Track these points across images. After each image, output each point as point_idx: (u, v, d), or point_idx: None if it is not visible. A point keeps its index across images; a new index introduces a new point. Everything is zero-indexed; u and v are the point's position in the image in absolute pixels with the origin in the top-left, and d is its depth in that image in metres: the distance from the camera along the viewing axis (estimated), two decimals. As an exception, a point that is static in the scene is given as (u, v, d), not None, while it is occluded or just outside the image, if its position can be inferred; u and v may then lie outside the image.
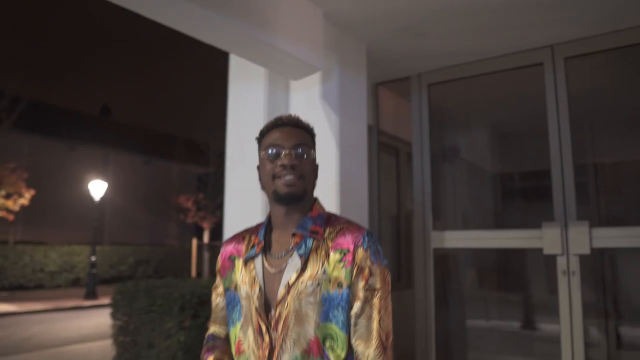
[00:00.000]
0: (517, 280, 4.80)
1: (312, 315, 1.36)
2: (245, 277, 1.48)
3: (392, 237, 4.55)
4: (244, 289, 1.47)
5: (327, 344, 1.37)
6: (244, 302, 1.46)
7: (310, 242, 1.43)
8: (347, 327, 1.38)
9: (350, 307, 1.39)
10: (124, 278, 20.37)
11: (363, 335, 1.37)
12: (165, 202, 27.96)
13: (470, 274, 4.70)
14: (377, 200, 4.19)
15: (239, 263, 1.52)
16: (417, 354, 3.72)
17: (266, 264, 1.46)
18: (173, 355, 3.36)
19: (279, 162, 1.44)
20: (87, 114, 29.56)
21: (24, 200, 15.44)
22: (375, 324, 1.37)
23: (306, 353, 1.36)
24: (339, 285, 1.37)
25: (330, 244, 1.42)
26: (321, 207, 1.54)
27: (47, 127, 23.73)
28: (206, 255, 19.99)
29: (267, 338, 1.39)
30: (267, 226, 1.54)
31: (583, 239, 3.19)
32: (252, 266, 1.47)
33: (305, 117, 1.61)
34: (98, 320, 12.53)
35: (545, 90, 3.52)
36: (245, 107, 3.28)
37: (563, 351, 3.22)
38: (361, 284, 1.38)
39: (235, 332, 1.48)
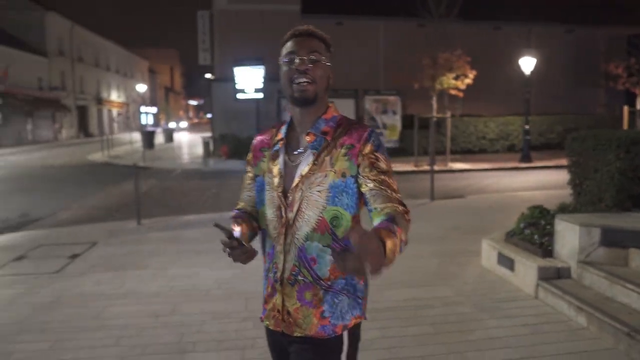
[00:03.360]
0: None
1: (320, 201, 1.65)
2: (271, 167, 1.75)
3: None
4: (269, 177, 1.75)
5: (334, 222, 1.65)
6: (268, 188, 1.75)
7: (321, 140, 1.68)
8: (351, 209, 1.67)
9: (355, 192, 1.66)
10: (552, 145, 22.07)
11: (384, 198, 1.61)
12: (590, 70, 27.52)
13: None
14: None
15: (268, 154, 1.79)
16: None
17: (286, 158, 1.73)
18: (612, 175, 5.11)
19: (294, 67, 1.65)
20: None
21: (469, 80, 18.64)
22: (391, 192, 1.63)
23: (314, 230, 1.65)
24: (343, 175, 1.64)
25: (337, 142, 1.67)
26: (336, 111, 1.77)
27: (474, 12, 26.27)
28: (638, 122, 19.56)
29: (284, 217, 1.69)
30: (289, 125, 1.79)
31: None
32: (276, 159, 1.74)
33: None
34: (534, 177, 14.91)
35: None
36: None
37: None
38: (369, 170, 1.63)
39: (263, 210, 1.77)
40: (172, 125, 43.08)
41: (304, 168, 1.67)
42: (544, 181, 13.70)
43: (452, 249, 6.50)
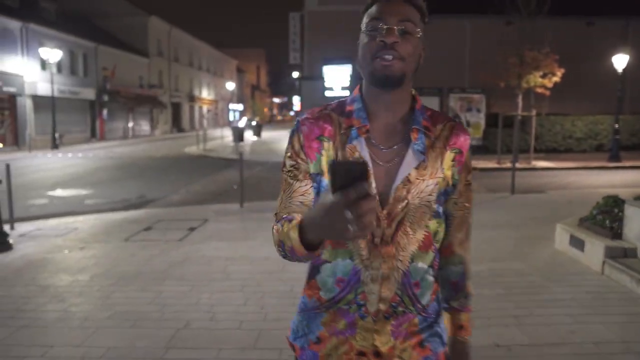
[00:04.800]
0: None
1: (428, 213, 1.33)
2: None
3: None
4: None
5: (437, 237, 1.38)
6: None
7: (424, 138, 1.34)
8: (444, 218, 1.42)
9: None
10: (644, 145, 21.33)
11: (460, 224, 1.45)
12: (693, 67, 26.09)
13: None
14: None
15: (330, 146, 1.34)
16: None
17: (372, 154, 1.32)
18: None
19: (379, 39, 1.27)
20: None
21: (556, 78, 18.48)
22: (468, 214, 1.45)
23: (421, 249, 1.34)
24: (447, 183, 1.37)
25: (444, 143, 1.36)
26: (419, 99, 1.42)
27: (565, 7, 25.67)
28: None
29: (382, 233, 1.30)
30: (364, 109, 1.36)
31: None
32: (356, 153, 1.32)
33: None
34: (621, 176, 14.72)
35: None
36: None
37: None
38: (464, 181, 1.41)
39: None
40: (240, 123, 44.62)
41: (409, 171, 1.30)
42: (630, 180, 13.56)
43: (528, 234, 7.02)
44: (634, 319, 4.04)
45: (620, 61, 17.61)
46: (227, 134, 36.84)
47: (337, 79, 20.38)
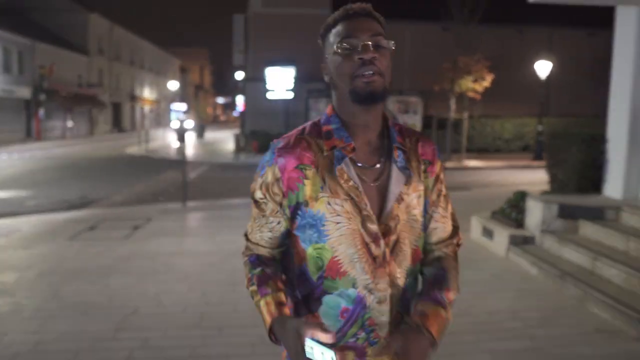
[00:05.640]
0: None
1: (416, 227, 1.35)
2: (336, 188, 1.28)
3: None
4: (340, 202, 1.27)
5: (422, 250, 1.40)
6: (340, 217, 1.27)
7: (402, 154, 1.35)
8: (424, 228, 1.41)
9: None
10: (567, 146, 22.94)
11: (441, 225, 1.43)
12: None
13: None
14: None
15: (312, 173, 1.29)
16: None
17: (359, 174, 1.30)
18: (575, 165, 6.35)
19: (356, 57, 1.23)
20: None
21: (486, 83, 19.67)
22: (449, 212, 1.45)
23: (413, 264, 1.36)
24: (425, 195, 1.39)
25: (417, 155, 1.38)
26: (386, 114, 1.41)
27: (498, 15, 27.10)
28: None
29: (381, 253, 1.29)
30: (344, 128, 1.33)
31: None
32: (345, 175, 1.28)
33: None
34: (543, 175, 15.83)
35: None
36: None
37: None
38: (437, 192, 1.41)
39: (322, 253, 1.29)
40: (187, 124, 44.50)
41: (399, 189, 1.32)
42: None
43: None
44: (524, 294, 4.79)
45: (542, 68, 18.99)
46: (170, 134, 36.59)
47: (280, 80, 20.86)
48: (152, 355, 3.69)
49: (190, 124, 42.84)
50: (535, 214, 5.87)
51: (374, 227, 1.28)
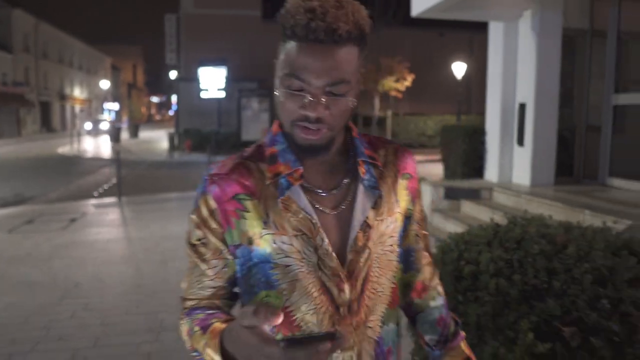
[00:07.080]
0: None
1: (393, 260, 1.09)
2: (282, 223, 1.01)
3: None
4: (284, 240, 1.00)
5: (403, 286, 1.17)
6: (289, 259, 1.00)
7: (372, 170, 1.07)
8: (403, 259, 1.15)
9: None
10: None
11: (425, 256, 1.19)
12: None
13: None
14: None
15: (253, 205, 1.02)
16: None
17: (312, 202, 1.02)
18: (460, 154, 7.50)
19: (301, 111, 0.95)
20: None
21: (407, 83, 21.07)
22: (428, 241, 1.20)
23: (390, 306, 1.08)
24: (404, 215, 1.11)
25: (394, 170, 1.10)
26: (354, 126, 1.12)
27: (421, 19, 28.67)
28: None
29: (347, 300, 1.01)
30: (291, 149, 1.04)
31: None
32: (293, 206, 1.01)
33: None
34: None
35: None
36: None
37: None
38: (417, 209, 1.16)
39: (274, 302, 0.88)
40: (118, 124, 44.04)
41: (366, 214, 1.04)
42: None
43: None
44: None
45: (458, 69, 20.56)
46: (102, 134, 36.15)
47: (212, 80, 21.40)
48: (93, 315, 4.40)
49: (105, 125, 42.35)
50: (425, 196, 6.94)
51: (335, 267, 1.01)
